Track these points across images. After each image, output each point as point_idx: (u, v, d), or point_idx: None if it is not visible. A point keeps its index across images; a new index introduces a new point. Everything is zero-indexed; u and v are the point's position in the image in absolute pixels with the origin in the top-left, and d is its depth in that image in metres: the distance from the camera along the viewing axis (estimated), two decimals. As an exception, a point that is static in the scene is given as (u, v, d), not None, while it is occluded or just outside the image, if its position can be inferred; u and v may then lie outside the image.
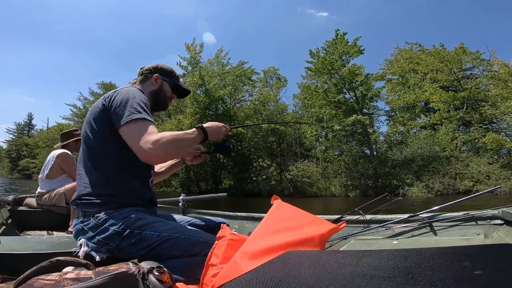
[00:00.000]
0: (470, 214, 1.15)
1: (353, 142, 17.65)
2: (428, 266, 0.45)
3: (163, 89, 1.24)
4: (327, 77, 17.29)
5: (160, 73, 1.24)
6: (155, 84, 1.23)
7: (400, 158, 15.12)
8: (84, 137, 1.07)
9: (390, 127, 17.92)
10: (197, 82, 17.88)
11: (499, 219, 1.08)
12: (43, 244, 1.14)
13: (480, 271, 0.40)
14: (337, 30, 17.03)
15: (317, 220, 0.97)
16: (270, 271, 0.53)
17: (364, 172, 15.00)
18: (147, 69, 1.25)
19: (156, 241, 0.94)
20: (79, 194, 1.03)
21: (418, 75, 17.69)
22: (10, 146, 45.37)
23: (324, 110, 17.08)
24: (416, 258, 0.48)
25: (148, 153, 0.91)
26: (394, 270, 0.45)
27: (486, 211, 1.13)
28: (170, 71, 1.29)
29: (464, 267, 0.43)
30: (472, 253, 0.50)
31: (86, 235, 0.99)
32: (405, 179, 13.98)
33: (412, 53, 18.48)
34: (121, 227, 0.95)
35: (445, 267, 0.44)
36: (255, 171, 17.13)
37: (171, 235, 0.96)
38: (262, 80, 22.69)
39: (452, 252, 0.52)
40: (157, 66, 1.26)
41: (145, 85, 1.22)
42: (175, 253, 0.94)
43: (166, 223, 1.02)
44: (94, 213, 0.99)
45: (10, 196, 2.49)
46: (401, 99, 17.28)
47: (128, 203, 1.03)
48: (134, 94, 1.03)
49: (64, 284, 0.54)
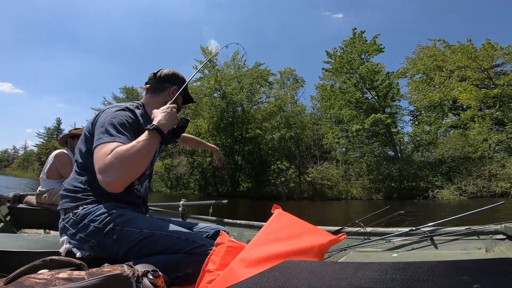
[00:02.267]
0: (472, 229, 1.14)
1: (376, 143, 16.96)
2: (427, 279, 0.44)
3: (176, 101, 1.16)
4: (346, 76, 16.86)
5: (178, 85, 1.21)
6: (171, 95, 1.19)
7: (430, 159, 14.32)
8: (78, 147, 1.09)
9: (416, 127, 17.07)
10: (213, 86, 18.04)
11: (502, 234, 1.07)
12: (38, 243, 1.14)
13: (480, 285, 0.39)
14: (355, 29, 16.63)
15: (317, 231, 0.95)
16: (267, 280, 0.52)
17: (388, 174, 14.33)
18: (166, 76, 1.22)
19: (137, 238, 0.93)
20: (63, 191, 1.05)
21: (443, 73, 16.84)
22: (40, 149, 48.11)
23: (344, 111, 16.58)
24: (415, 271, 0.48)
25: (107, 186, 0.85)
26: (392, 283, 0.44)
27: (489, 226, 1.12)
28: (183, 80, 1.26)
29: (464, 281, 0.42)
30: (472, 267, 0.49)
31: (68, 232, 0.98)
32: (434, 182, 13.19)
33: (436, 50, 17.66)
34: (102, 223, 0.94)
35: (444, 280, 0.44)
36: (274, 174, 16.88)
37: (152, 232, 0.95)
38: (279, 81, 22.55)
39: (452, 265, 0.51)
40: (176, 75, 1.24)
41: (158, 96, 1.20)
42: (156, 249, 0.94)
43: (147, 219, 1.02)
44: (72, 209, 0.99)
45: (11, 193, 2.47)
46: (427, 98, 16.46)
47: (106, 198, 1.00)
48: (114, 115, 1.01)
49: (55, 283, 0.53)
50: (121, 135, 0.95)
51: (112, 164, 0.84)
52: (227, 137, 18.53)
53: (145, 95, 1.24)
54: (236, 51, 19.62)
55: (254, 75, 18.65)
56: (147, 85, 1.23)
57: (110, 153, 0.86)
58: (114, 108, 1.06)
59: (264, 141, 18.17)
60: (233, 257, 0.75)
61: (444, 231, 1.19)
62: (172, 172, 19.17)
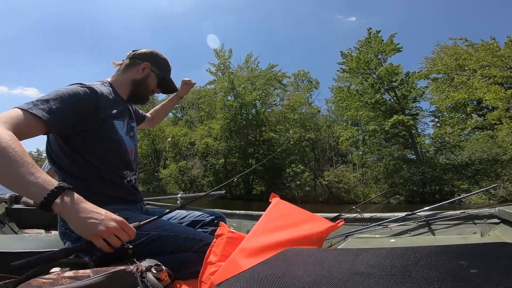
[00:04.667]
0: (467, 213, 1.17)
1: (395, 145, 16.35)
2: (425, 264, 0.45)
3: (147, 80, 1.10)
4: (363, 77, 16.45)
5: (151, 62, 1.11)
6: (140, 73, 1.09)
7: (456, 161, 13.63)
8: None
9: (437, 129, 16.36)
10: (227, 87, 18.05)
11: (496, 218, 1.11)
12: (41, 243, 1.14)
13: (476, 269, 0.41)
14: (370, 29, 16.29)
15: (315, 218, 0.95)
16: (269, 268, 0.53)
17: (410, 177, 13.73)
18: (139, 53, 1.11)
19: (145, 241, 0.89)
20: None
21: (465, 72, 16.13)
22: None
23: (361, 113, 16.12)
24: (413, 256, 0.49)
25: None
26: (391, 268, 0.46)
27: (483, 210, 1.15)
28: (163, 62, 1.16)
29: (461, 265, 0.43)
30: (469, 252, 0.50)
31: (70, 237, 0.91)
32: (459, 185, 12.51)
33: (457, 49, 16.99)
34: None
35: (441, 265, 0.45)
36: (288, 177, 16.58)
37: (160, 233, 0.92)
38: (293, 84, 22.35)
39: (448, 250, 0.52)
40: (152, 53, 1.13)
41: (127, 72, 1.09)
42: (165, 250, 0.91)
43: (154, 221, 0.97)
44: None
45: (7, 194, 2.44)
46: (449, 98, 15.78)
47: (103, 201, 0.85)
48: (57, 91, 0.84)
49: (62, 282, 0.53)
50: (43, 105, 0.77)
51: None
52: (241, 139, 18.42)
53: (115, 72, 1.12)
54: (250, 54, 19.68)
55: (267, 76, 18.55)
56: (120, 62, 1.12)
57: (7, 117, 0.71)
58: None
59: (277, 144, 17.93)
60: (233, 248, 0.76)
61: (440, 215, 1.22)
62: (186, 175, 19.20)
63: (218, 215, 1.21)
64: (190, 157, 20.15)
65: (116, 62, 1.13)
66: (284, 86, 20.30)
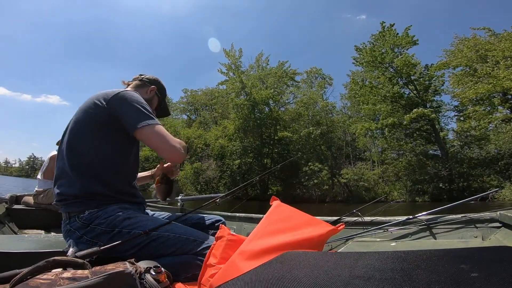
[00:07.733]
0: (469, 217, 1.17)
1: (416, 141, 15.78)
2: (426, 268, 0.46)
3: (151, 101, 1.26)
4: (379, 71, 15.99)
5: (157, 87, 1.29)
6: (148, 94, 1.25)
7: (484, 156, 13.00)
8: (71, 137, 1.04)
9: (461, 122, 15.71)
10: (238, 87, 17.92)
11: (497, 222, 1.10)
12: (40, 243, 1.15)
13: (477, 273, 0.41)
14: (383, 22, 15.82)
15: (316, 222, 0.93)
16: (268, 271, 0.53)
17: (436, 174, 13.17)
18: (148, 78, 1.29)
19: (145, 240, 0.93)
20: (61, 195, 1.01)
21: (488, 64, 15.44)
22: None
23: (380, 107, 15.65)
24: (413, 260, 0.50)
25: (177, 153, 1.01)
26: (392, 272, 0.46)
27: (485, 213, 1.14)
28: (164, 89, 1.34)
29: (461, 269, 0.44)
30: (470, 256, 0.51)
31: (74, 235, 0.97)
32: (489, 181, 11.90)
33: (477, 41, 16.31)
34: (109, 226, 0.95)
35: (442, 269, 0.45)
36: (305, 176, 16.26)
37: (160, 233, 0.95)
38: (306, 81, 22.03)
39: (449, 254, 0.52)
40: (156, 79, 1.32)
41: (139, 91, 1.21)
42: (164, 251, 0.94)
43: (154, 220, 1.02)
44: (78, 213, 0.97)
45: (8, 194, 2.49)
46: (473, 90, 15.13)
47: (111, 201, 1.01)
48: (140, 99, 1.06)
49: (60, 283, 0.53)
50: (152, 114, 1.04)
51: (182, 143, 1.05)
52: (255, 139, 18.24)
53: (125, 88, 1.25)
54: (260, 53, 19.50)
55: (279, 73, 18.31)
56: (129, 82, 1.28)
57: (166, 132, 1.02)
58: (137, 94, 1.08)
59: (293, 143, 17.65)
60: (233, 251, 0.76)
61: (441, 219, 1.22)
62: (201, 176, 19.16)
63: (218, 218, 1.27)
64: (205, 158, 20.11)
65: (125, 81, 1.28)
66: (297, 82, 20.00)
